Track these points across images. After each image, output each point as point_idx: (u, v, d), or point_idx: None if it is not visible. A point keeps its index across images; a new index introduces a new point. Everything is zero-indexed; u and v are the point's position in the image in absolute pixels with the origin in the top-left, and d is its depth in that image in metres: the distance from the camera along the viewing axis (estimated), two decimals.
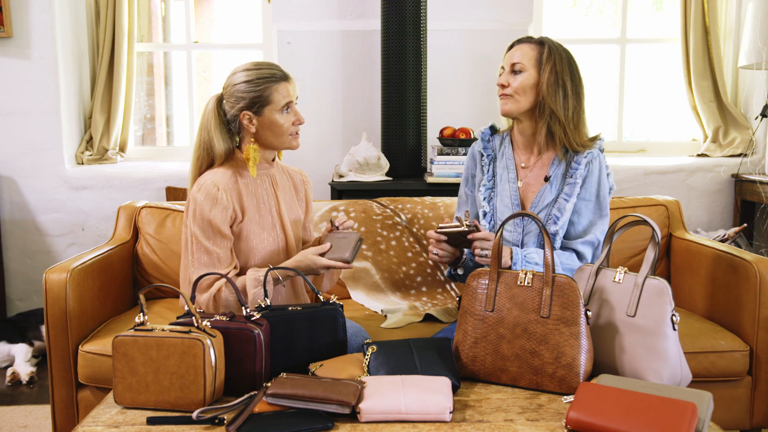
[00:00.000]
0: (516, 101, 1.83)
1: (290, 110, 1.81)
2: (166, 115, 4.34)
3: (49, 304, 1.99)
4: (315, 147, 3.59)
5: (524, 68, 1.82)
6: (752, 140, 3.48)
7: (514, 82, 1.82)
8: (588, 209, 1.84)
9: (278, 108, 1.78)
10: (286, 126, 1.80)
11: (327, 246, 1.78)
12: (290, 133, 1.82)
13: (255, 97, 1.77)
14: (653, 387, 1.36)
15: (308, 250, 1.78)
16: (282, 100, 1.78)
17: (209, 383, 1.41)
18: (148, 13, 3.90)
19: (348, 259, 1.75)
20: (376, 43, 3.43)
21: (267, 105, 1.78)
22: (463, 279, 1.91)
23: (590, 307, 1.59)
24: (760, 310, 1.99)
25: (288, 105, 1.80)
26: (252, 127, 1.80)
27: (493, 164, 1.95)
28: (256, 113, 1.78)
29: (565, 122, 1.81)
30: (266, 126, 1.80)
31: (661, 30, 4.07)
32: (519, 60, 1.82)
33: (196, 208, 1.76)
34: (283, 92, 1.78)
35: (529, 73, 1.82)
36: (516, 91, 1.82)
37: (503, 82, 1.84)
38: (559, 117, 1.80)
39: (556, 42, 1.86)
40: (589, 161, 1.83)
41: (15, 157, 3.46)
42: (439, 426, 1.34)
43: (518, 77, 1.82)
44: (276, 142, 1.82)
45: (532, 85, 1.82)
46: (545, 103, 1.81)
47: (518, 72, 1.82)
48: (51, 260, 3.50)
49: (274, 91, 1.78)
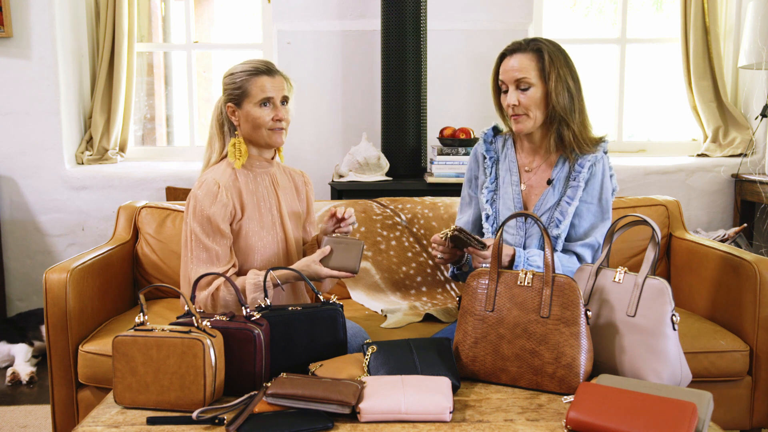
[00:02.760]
0: (531, 118, 1.79)
1: (270, 105, 1.81)
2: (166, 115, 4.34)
3: (49, 304, 1.99)
4: (315, 147, 3.59)
5: (531, 83, 1.77)
6: (752, 140, 3.48)
7: (524, 100, 1.78)
8: (590, 212, 1.83)
9: (255, 101, 1.80)
10: (263, 120, 1.80)
11: (327, 249, 1.76)
12: (269, 128, 1.82)
13: (235, 89, 1.81)
14: (653, 387, 1.36)
15: (310, 258, 1.77)
16: (260, 94, 1.79)
17: (209, 383, 1.41)
18: (148, 13, 3.90)
19: (355, 270, 1.75)
20: (376, 43, 3.43)
21: (245, 97, 1.80)
22: (463, 279, 1.91)
23: (590, 307, 1.59)
24: (760, 310, 1.99)
25: (267, 100, 1.80)
26: (235, 120, 1.84)
27: (496, 166, 1.93)
28: (237, 105, 1.82)
29: (574, 124, 1.78)
30: (245, 119, 1.82)
31: (661, 30, 4.07)
32: (523, 75, 1.77)
33: (196, 204, 1.77)
34: (261, 86, 1.80)
35: (536, 86, 1.77)
36: (528, 108, 1.78)
37: (513, 101, 1.78)
38: (569, 120, 1.78)
39: (551, 41, 1.82)
40: (593, 164, 1.81)
41: (15, 157, 3.46)
42: (439, 426, 1.34)
43: (527, 93, 1.77)
44: (254, 135, 1.83)
45: (541, 98, 1.78)
46: (556, 111, 1.78)
47: (525, 89, 1.78)
48: (51, 260, 3.50)
49: (252, 84, 1.80)
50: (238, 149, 1.82)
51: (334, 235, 1.83)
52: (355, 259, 1.75)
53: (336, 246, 1.77)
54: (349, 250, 1.76)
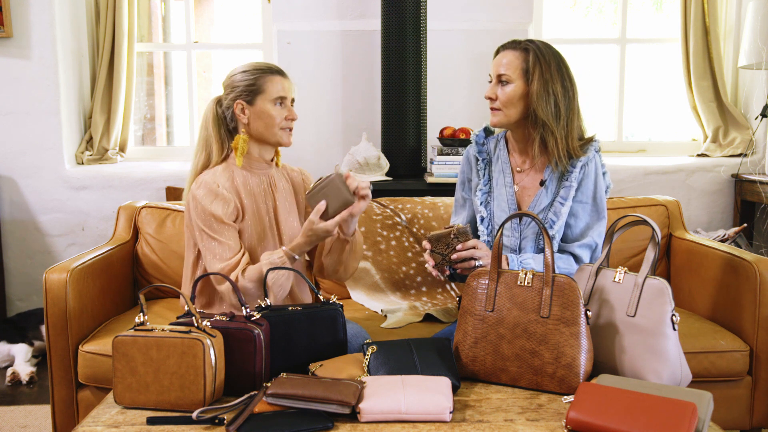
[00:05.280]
0: (505, 114, 1.80)
1: (283, 105, 1.82)
2: (166, 115, 4.34)
3: (49, 304, 1.99)
4: (315, 147, 3.59)
5: (510, 79, 1.78)
6: (752, 140, 3.48)
7: (501, 95, 1.79)
8: (585, 212, 1.83)
9: (271, 98, 1.80)
10: (277, 118, 1.81)
11: (323, 205, 1.72)
12: (281, 127, 1.83)
13: (249, 85, 1.80)
14: (653, 387, 1.36)
15: (308, 222, 1.73)
16: (275, 92, 1.80)
17: (209, 383, 1.41)
18: (148, 13, 3.90)
19: (350, 200, 1.72)
20: (376, 43, 3.43)
21: (260, 94, 1.80)
22: (463, 279, 1.91)
23: (590, 307, 1.59)
24: (760, 310, 1.99)
25: (282, 99, 1.81)
26: (244, 117, 1.82)
27: (489, 168, 1.93)
28: (249, 102, 1.81)
29: (558, 133, 1.77)
30: (258, 116, 1.81)
31: (661, 30, 4.07)
32: (505, 71, 1.78)
33: (197, 204, 1.77)
34: (277, 85, 1.80)
35: (516, 84, 1.77)
36: (504, 104, 1.79)
37: (490, 94, 1.81)
38: (552, 128, 1.76)
39: (544, 44, 1.80)
40: (585, 164, 1.81)
41: (15, 157, 3.46)
42: (439, 426, 1.34)
43: (506, 89, 1.78)
44: (267, 133, 1.83)
45: (520, 97, 1.78)
46: (537, 114, 1.76)
47: (505, 83, 1.78)
48: (51, 260, 3.49)
49: (268, 81, 1.80)
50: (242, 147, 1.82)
51: (312, 191, 1.75)
52: (344, 190, 1.71)
53: (323, 195, 1.73)
54: (334, 188, 1.71)
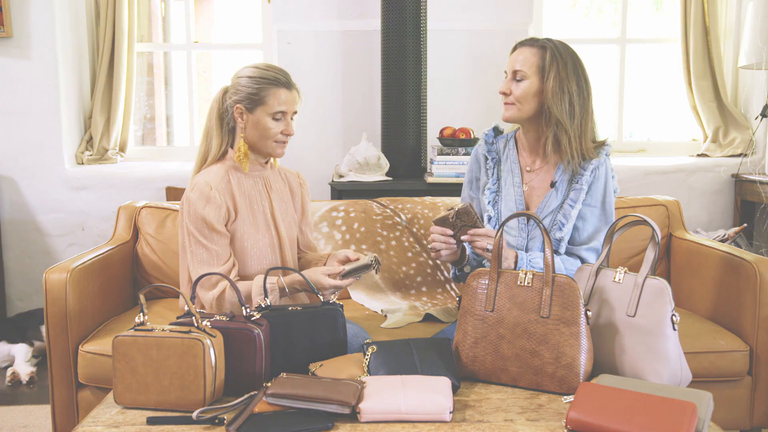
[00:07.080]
0: (518, 109, 1.80)
1: (283, 119, 1.81)
2: (166, 115, 4.34)
3: (49, 304, 1.99)
4: (315, 147, 3.59)
5: (526, 76, 1.78)
6: (752, 140, 3.48)
7: (516, 90, 1.79)
8: (593, 215, 1.82)
9: (271, 112, 1.79)
10: (273, 132, 1.80)
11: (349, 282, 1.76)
12: (275, 140, 1.82)
13: (252, 94, 1.79)
14: (653, 387, 1.36)
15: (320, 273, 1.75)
16: (276, 106, 1.78)
17: (209, 383, 1.41)
18: (148, 13, 3.90)
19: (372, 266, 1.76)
20: (376, 43, 3.43)
21: (260, 105, 1.79)
22: (464, 280, 1.91)
23: (590, 307, 1.59)
24: (760, 310, 1.99)
25: (282, 113, 1.80)
26: (242, 122, 1.82)
27: (498, 167, 1.93)
28: (249, 110, 1.80)
29: (572, 131, 1.77)
30: (254, 125, 1.81)
31: (661, 30, 4.07)
32: (521, 67, 1.78)
33: (190, 207, 1.77)
34: (280, 99, 1.78)
35: (531, 80, 1.78)
36: (518, 99, 1.79)
37: (505, 89, 1.81)
38: (566, 126, 1.76)
39: (562, 44, 1.81)
40: (596, 167, 1.81)
41: (15, 157, 3.46)
42: (439, 426, 1.34)
43: (520, 85, 1.78)
44: (260, 144, 1.83)
45: (534, 93, 1.78)
46: (551, 112, 1.76)
47: (520, 80, 1.79)
48: (51, 260, 3.49)
49: (271, 94, 1.78)
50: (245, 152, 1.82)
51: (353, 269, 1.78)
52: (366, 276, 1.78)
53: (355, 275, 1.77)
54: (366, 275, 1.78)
